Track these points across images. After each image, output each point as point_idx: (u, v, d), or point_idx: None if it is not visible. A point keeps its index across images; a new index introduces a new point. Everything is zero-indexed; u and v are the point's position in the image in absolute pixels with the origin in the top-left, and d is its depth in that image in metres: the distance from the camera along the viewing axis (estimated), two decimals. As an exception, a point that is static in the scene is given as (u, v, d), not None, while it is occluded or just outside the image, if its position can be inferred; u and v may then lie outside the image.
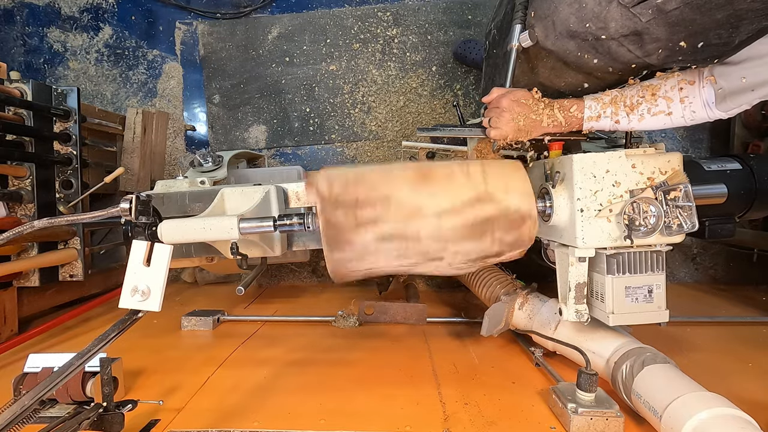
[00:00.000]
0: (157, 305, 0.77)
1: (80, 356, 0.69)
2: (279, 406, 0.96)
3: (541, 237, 1.11)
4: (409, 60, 2.03)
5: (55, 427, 0.74)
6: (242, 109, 2.09)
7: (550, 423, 0.88)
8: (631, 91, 0.97)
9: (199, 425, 0.88)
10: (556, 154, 1.08)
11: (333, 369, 1.15)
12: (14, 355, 1.25)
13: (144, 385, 1.07)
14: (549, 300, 1.18)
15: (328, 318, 1.49)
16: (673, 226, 0.91)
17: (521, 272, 1.38)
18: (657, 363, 0.88)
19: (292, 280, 2.12)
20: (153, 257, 0.78)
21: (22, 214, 1.41)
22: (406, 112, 2.04)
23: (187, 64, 2.12)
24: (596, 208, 0.94)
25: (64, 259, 1.48)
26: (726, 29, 0.78)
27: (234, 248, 0.92)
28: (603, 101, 0.98)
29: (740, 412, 0.71)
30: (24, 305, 1.45)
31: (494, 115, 1.04)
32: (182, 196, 1.10)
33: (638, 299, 0.97)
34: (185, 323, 1.46)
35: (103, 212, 0.81)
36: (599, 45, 0.94)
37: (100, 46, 2.13)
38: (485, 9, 1.99)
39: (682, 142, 2.01)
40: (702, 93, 0.91)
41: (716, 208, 1.30)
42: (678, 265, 2.01)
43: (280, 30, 2.06)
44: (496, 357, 1.20)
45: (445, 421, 0.89)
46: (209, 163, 1.32)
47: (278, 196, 1.07)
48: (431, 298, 1.82)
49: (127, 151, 1.86)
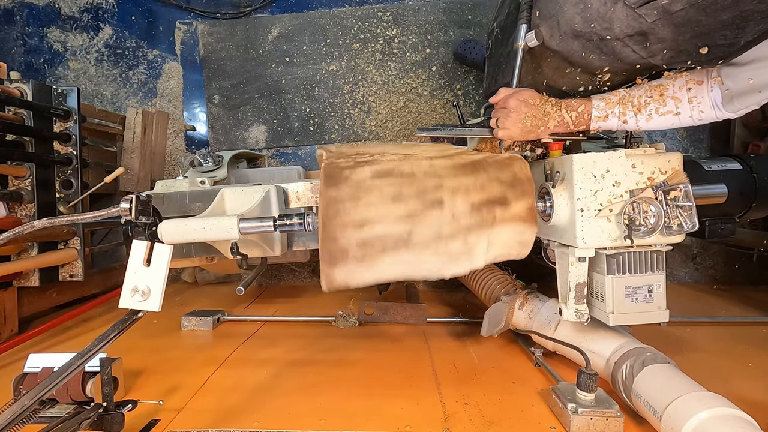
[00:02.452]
0: (157, 305, 0.77)
1: (80, 356, 0.69)
2: (279, 406, 0.96)
3: (541, 237, 1.11)
4: (409, 60, 2.03)
5: (55, 427, 0.74)
6: (242, 109, 2.09)
7: (550, 423, 0.88)
8: (639, 91, 0.96)
9: (199, 425, 0.88)
10: (557, 154, 1.08)
11: (333, 369, 1.15)
12: (14, 355, 1.25)
13: (144, 385, 1.07)
14: (549, 300, 1.18)
15: (328, 318, 1.49)
16: (673, 226, 0.91)
17: (521, 272, 1.38)
18: (657, 363, 0.88)
19: (292, 280, 2.12)
20: (153, 257, 0.78)
21: (22, 214, 1.41)
22: (406, 112, 2.04)
23: (187, 64, 2.12)
24: (596, 208, 0.94)
25: (64, 259, 1.48)
26: (732, 30, 0.78)
27: (234, 248, 0.92)
28: (611, 101, 0.98)
29: (740, 412, 0.71)
30: (24, 305, 1.45)
31: (502, 115, 1.03)
32: (182, 196, 1.10)
33: (638, 299, 0.97)
34: (185, 323, 1.46)
35: (103, 212, 0.81)
36: (604, 45, 0.94)
37: (100, 46, 2.13)
38: (485, 9, 1.99)
39: (682, 142, 2.01)
40: (710, 93, 0.90)
41: (716, 208, 1.30)
42: (678, 265, 2.01)
43: (280, 30, 2.06)
44: (496, 357, 1.20)
45: (445, 421, 0.89)
46: (209, 163, 1.32)
47: (278, 196, 1.07)
48: (431, 298, 1.82)
49: (127, 151, 1.86)
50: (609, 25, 0.90)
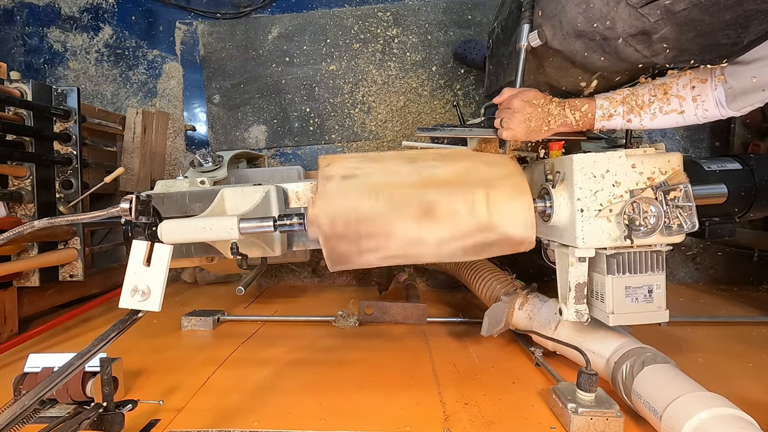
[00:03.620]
0: (157, 305, 0.77)
1: (80, 356, 0.69)
2: (279, 406, 0.96)
3: (541, 237, 1.11)
4: (409, 60, 2.03)
5: (55, 427, 0.74)
6: (242, 109, 2.09)
7: (550, 423, 0.88)
8: (643, 90, 0.96)
9: (199, 425, 0.88)
10: (557, 154, 1.08)
11: (333, 369, 1.15)
12: (14, 355, 1.25)
13: (144, 385, 1.07)
14: (549, 300, 1.18)
15: (328, 318, 1.49)
16: (673, 226, 0.91)
17: (521, 272, 1.38)
18: (657, 363, 0.88)
19: (292, 280, 2.12)
20: (153, 257, 0.78)
21: (22, 214, 1.41)
22: (407, 112, 2.04)
23: (187, 64, 2.12)
24: (596, 208, 0.94)
25: (64, 259, 1.48)
26: (735, 29, 0.78)
27: (234, 248, 0.92)
28: (615, 100, 0.97)
29: (740, 412, 0.71)
30: (24, 305, 1.45)
31: (506, 116, 1.03)
32: (182, 196, 1.10)
33: (638, 299, 0.97)
34: (185, 323, 1.46)
35: (103, 212, 0.81)
36: (606, 45, 0.94)
37: (100, 46, 2.13)
38: (485, 9, 1.99)
39: (682, 142, 2.01)
40: (714, 92, 0.90)
41: (716, 208, 1.30)
42: (678, 265, 2.01)
43: (280, 30, 2.06)
44: (496, 357, 1.20)
45: (445, 421, 0.89)
46: (209, 163, 1.32)
47: (278, 196, 1.07)
48: (431, 298, 1.82)
49: (127, 151, 1.86)
50: (612, 24, 0.90)
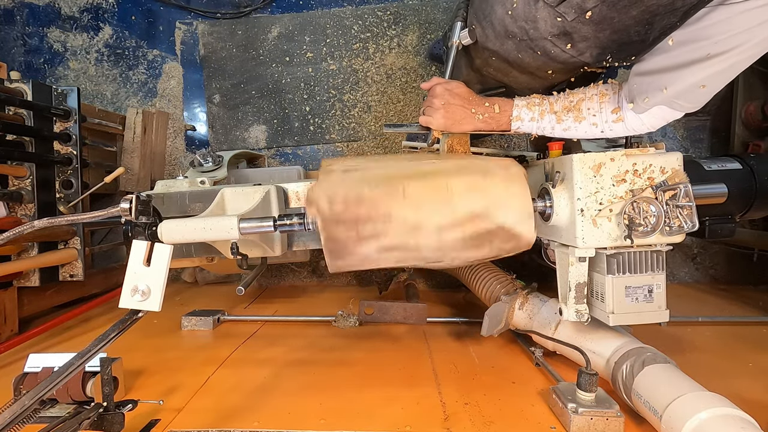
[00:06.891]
0: (157, 305, 0.77)
1: (80, 356, 0.69)
2: (279, 406, 0.96)
3: (541, 237, 1.11)
4: (409, 60, 2.03)
5: (55, 427, 0.74)
6: (242, 109, 2.09)
7: (550, 423, 0.88)
8: (558, 97, 0.99)
9: (199, 425, 0.88)
10: (557, 153, 1.08)
11: (333, 369, 1.15)
12: (14, 355, 1.25)
13: (144, 385, 1.07)
14: (549, 300, 1.18)
15: (328, 318, 1.49)
16: (674, 225, 0.91)
17: (521, 272, 1.38)
18: (657, 363, 0.88)
19: (292, 280, 2.12)
20: (153, 257, 0.78)
21: (22, 214, 1.41)
22: (407, 112, 2.04)
23: (187, 64, 2.12)
24: (596, 208, 0.94)
25: (64, 259, 1.48)
26: (642, 26, 0.80)
27: (234, 248, 0.92)
28: (532, 103, 1.00)
29: (740, 412, 0.71)
30: (24, 305, 1.45)
31: (428, 104, 1.05)
32: (182, 196, 1.10)
33: (638, 299, 0.97)
34: (185, 323, 1.46)
35: (103, 212, 0.81)
36: (534, 45, 0.96)
37: (100, 46, 2.13)
38: (485, 9, 1.99)
39: (682, 142, 2.01)
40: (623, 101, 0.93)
41: (716, 208, 1.30)
42: (678, 265, 2.01)
43: (280, 30, 2.06)
44: (496, 357, 1.20)
45: (445, 421, 0.89)
46: (209, 163, 1.32)
47: (278, 196, 1.07)
48: (431, 298, 1.82)
49: (127, 151, 1.86)
50: (534, 24, 0.92)
